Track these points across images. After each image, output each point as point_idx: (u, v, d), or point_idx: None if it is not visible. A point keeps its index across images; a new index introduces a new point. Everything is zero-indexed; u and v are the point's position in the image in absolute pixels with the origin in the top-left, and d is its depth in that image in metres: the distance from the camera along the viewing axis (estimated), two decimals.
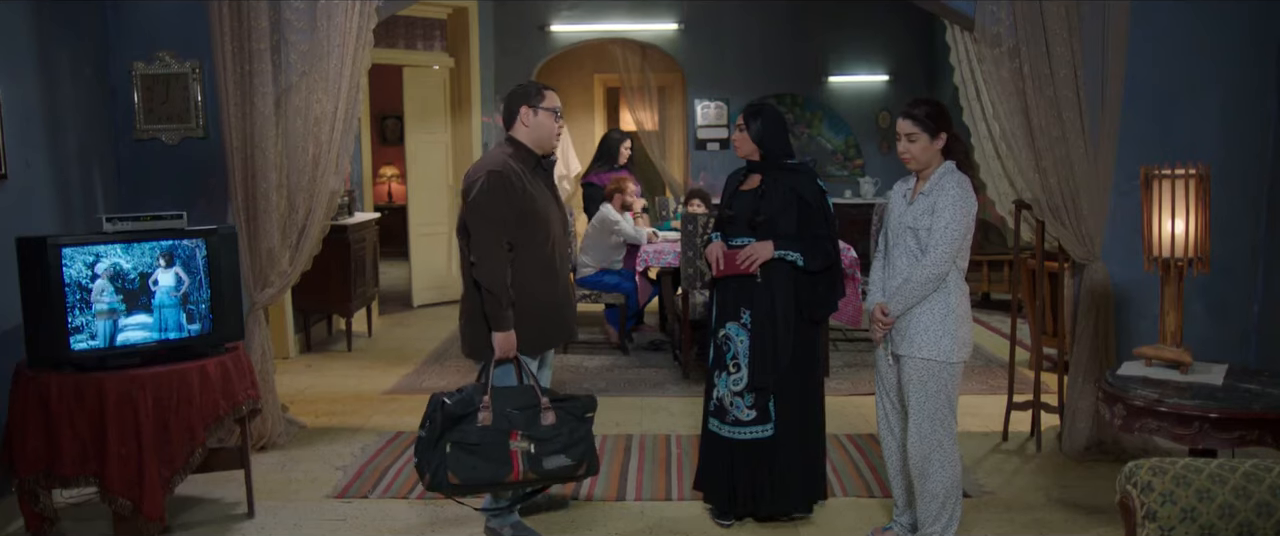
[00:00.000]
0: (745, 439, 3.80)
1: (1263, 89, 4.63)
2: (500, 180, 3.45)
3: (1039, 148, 4.49)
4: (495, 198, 3.44)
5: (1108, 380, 3.24)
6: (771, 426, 3.77)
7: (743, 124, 3.82)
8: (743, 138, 3.82)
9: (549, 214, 3.64)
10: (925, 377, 3.38)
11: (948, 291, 3.38)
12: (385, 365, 6.62)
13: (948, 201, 3.33)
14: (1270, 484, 2.49)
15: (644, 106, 9.55)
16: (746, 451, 3.81)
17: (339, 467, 4.59)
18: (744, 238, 3.80)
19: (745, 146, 3.83)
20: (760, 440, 3.78)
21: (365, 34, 4.70)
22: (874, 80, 9.26)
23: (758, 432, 3.79)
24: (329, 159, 4.72)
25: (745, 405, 3.78)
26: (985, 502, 4.13)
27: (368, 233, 7.46)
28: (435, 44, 8.69)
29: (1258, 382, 3.14)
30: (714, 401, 3.86)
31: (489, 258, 3.45)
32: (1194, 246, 3.13)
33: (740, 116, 3.86)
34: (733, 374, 3.78)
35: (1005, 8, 4.45)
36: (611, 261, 6.87)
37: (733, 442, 3.82)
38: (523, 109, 3.62)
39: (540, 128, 3.62)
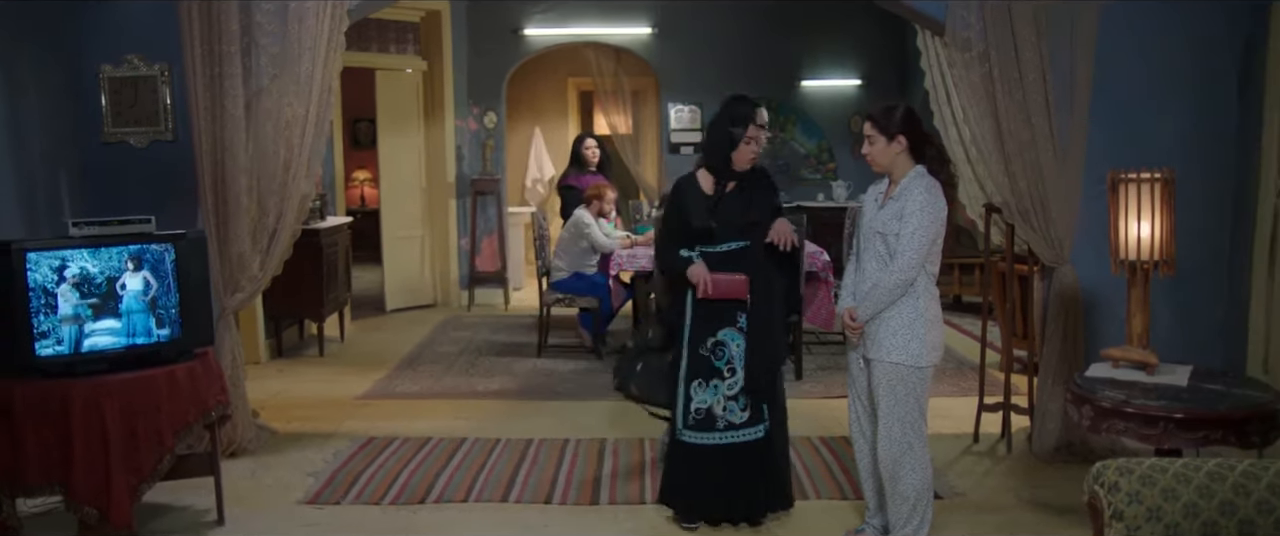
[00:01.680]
0: (741, 442, 3.84)
1: (1226, 94, 4.70)
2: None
3: (1008, 151, 4.53)
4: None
5: (1076, 382, 3.28)
6: (764, 426, 3.85)
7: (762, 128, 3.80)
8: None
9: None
10: (894, 381, 3.40)
11: (917, 296, 3.39)
12: (358, 370, 6.58)
13: (915, 206, 3.35)
14: (1233, 483, 2.53)
15: (617, 110, 9.55)
16: (743, 454, 3.86)
17: (311, 473, 4.55)
18: (735, 242, 3.82)
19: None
20: (755, 441, 3.85)
21: (336, 37, 4.68)
22: (847, 84, 9.31)
23: (752, 434, 3.85)
24: (300, 162, 4.70)
25: (739, 408, 3.82)
26: (957, 504, 4.16)
27: (340, 237, 7.42)
28: (408, 47, 8.66)
29: (1222, 383, 3.19)
30: (695, 413, 3.85)
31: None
32: (1160, 249, 3.18)
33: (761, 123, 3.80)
34: (727, 379, 3.82)
35: (975, 13, 4.49)
36: (585, 265, 6.87)
37: (726, 448, 3.84)
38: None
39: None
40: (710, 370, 3.83)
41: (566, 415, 5.54)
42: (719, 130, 3.82)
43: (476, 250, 9.06)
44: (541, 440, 5.02)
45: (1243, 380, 3.27)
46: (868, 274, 3.46)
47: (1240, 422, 2.91)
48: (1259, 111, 4.54)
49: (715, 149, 3.83)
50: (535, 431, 5.18)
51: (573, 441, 5.01)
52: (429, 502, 4.24)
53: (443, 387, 6.19)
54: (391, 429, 5.22)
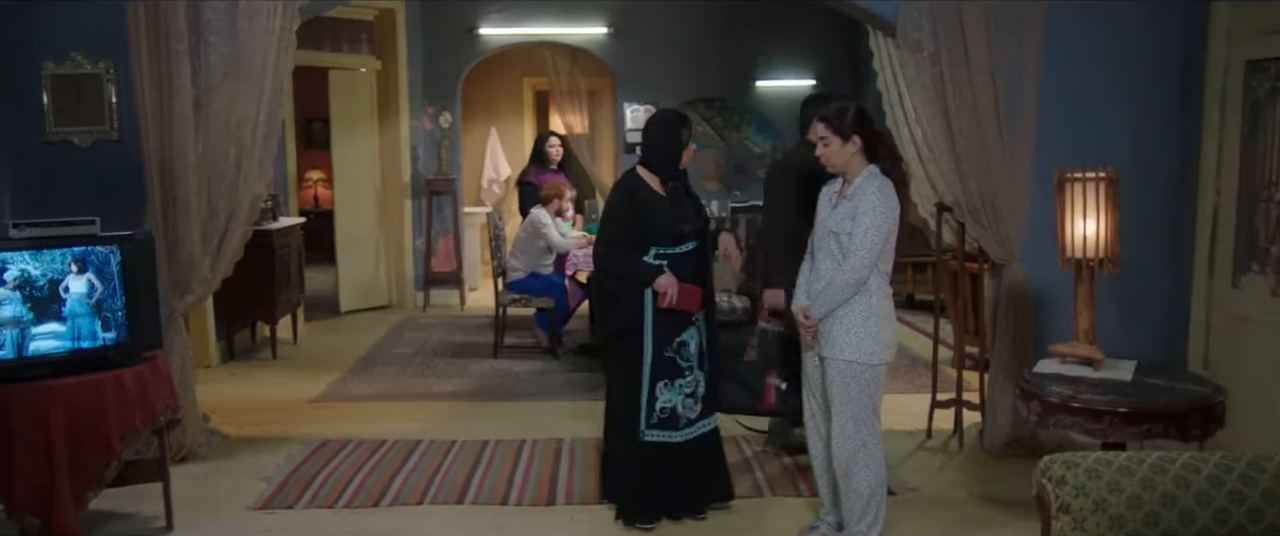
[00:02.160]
0: (697, 436, 3.95)
1: (1168, 94, 4.79)
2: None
3: (959, 151, 4.59)
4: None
5: (1024, 377, 3.34)
6: (714, 418, 4.00)
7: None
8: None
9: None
10: (847, 379, 3.43)
11: (869, 294, 3.42)
12: (312, 372, 6.51)
13: (868, 206, 3.38)
14: (1174, 475, 2.58)
15: (573, 110, 9.54)
16: (698, 447, 3.97)
17: (263, 478, 4.49)
18: (691, 242, 3.88)
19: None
20: (709, 433, 3.98)
21: (288, 35, 4.62)
22: (801, 84, 9.36)
23: (707, 426, 3.97)
24: (251, 162, 4.63)
25: (695, 403, 3.92)
26: (910, 500, 4.21)
27: (293, 238, 7.32)
28: (362, 46, 8.57)
29: (1164, 378, 3.26)
30: (660, 413, 3.87)
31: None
32: (1104, 247, 3.24)
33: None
34: (688, 377, 3.89)
35: (926, 14, 4.54)
36: (541, 265, 6.85)
37: (686, 444, 3.92)
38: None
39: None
40: (675, 370, 3.87)
41: (523, 416, 5.53)
42: (668, 131, 3.87)
43: (432, 251, 9.00)
44: (497, 441, 5.00)
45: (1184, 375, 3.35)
46: (822, 273, 3.48)
47: (1181, 416, 2.98)
48: (1199, 111, 4.65)
49: (663, 149, 3.87)
50: (491, 432, 5.15)
51: (529, 442, 4.99)
52: (384, 505, 4.20)
53: (398, 389, 6.14)
54: (346, 431, 5.16)
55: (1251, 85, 4.41)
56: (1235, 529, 2.54)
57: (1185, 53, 4.73)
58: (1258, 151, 4.40)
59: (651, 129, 3.95)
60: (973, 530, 3.92)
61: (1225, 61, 4.52)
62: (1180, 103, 4.77)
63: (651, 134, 3.94)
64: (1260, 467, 2.60)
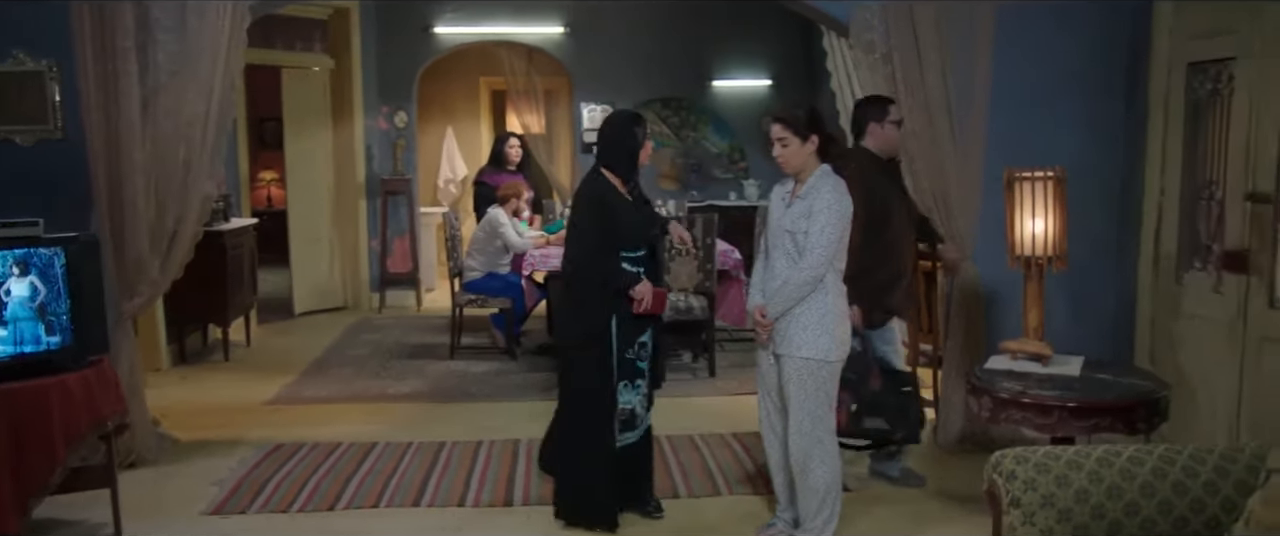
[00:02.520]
0: (645, 431, 4.02)
1: (1114, 94, 4.89)
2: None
3: (911, 151, 4.64)
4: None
5: (975, 374, 3.38)
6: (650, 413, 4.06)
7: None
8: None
9: (891, 205, 4.04)
10: (804, 376, 3.46)
11: (825, 292, 3.46)
12: (265, 375, 6.42)
13: (824, 205, 3.41)
14: (1120, 468, 2.64)
15: (530, 109, 9.50)
16: (645, 443, 4.03)
17: (215, 482, 4.42)
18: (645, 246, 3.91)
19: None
20: (649, 427, 4.05)
21: (238, 34, 4.56)
22: (757, 84, 9.42)
23: (648, 422, 4.03)
24: (201, 162, 4.56)
25: (646, 402, 3.98)
26: (865, 496, 4.25)
27: (245, 239, 7.22)
28: (315, 45, 8.47)
29: (1111, 373, 3.33)
30: (621, 415, 3.90)
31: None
32: (1053, 245, 3.30)
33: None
34: (643, 377, 3.93)
35: (878, 15, 4.59)
36: (499, 265, 6.82)
37: (640, 443, 3.99)
38: (871, 124, 4.09)
39: (886, 138, 4.09)
40: (634, 371, 3.89)
41: (480, 417, 5.50)
42: (623, 131, 3.87)
43: (388, 251, 8.92)
44: (454, 442, 4.97)
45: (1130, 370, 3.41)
46: (777, 272, 3.50)
47: (1127, 410, 3.05)
48: (1144, 111, 4.75)
49: (620, 149, 3.86)
50: (448, 434, 5.12)
51: (486, 443, 4.97)
52: (340, 508, 4.16)
53: (353, 391, 6.08)
54: (300, 434, 5.10)
55: (1193, 86, 4.52)
56: (1178, 519, 2.60)
57: (1131, 53, 4.83)
58: (1199, 152, 4.50)
59: (607, 130, 3.94)
60: (927, 525, 3.97)
61: (1168, 62, 4.62)
62: (1126, 103, 4.87)
63: (607, 135, 3.93)
64: (1202, 459, 2.66)
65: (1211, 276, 4.33)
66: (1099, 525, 2.60)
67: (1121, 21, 4.82)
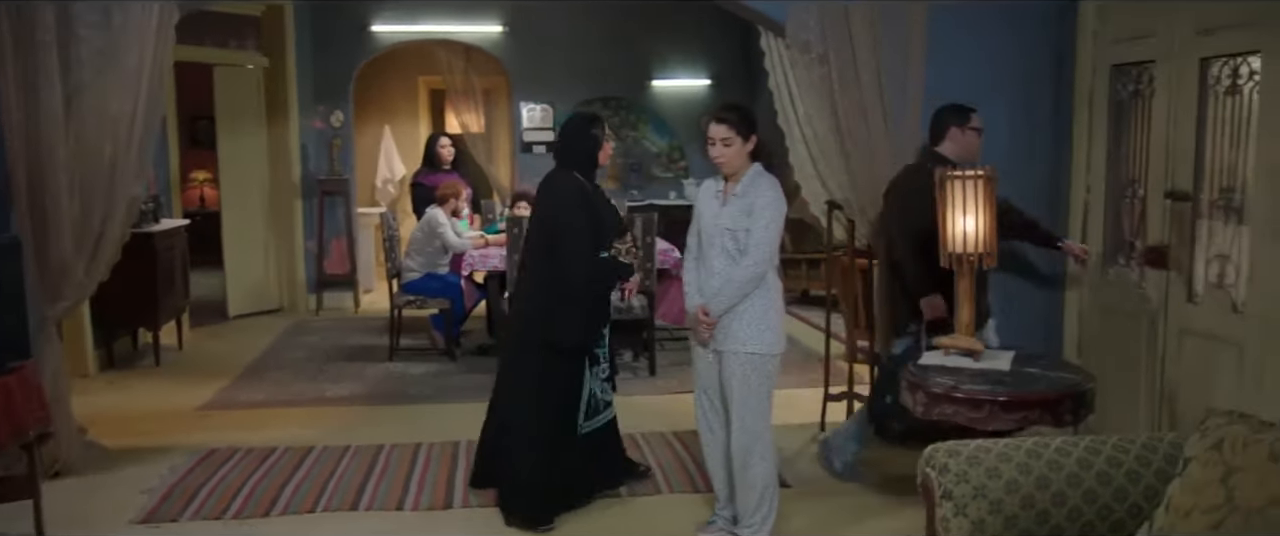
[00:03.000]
0: (609, 417, 4.20)
1: (1043, 94, 5.00)
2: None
3: (847, 150, 4.71)
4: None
5: (910, 370, 3.44)
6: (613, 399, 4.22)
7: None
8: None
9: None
10: (749, 371, 3.49)
11: (766, 287, 3.51)
12: (198, 379, 6.29)
13: (765, 203, 3.45)
14: (1048, 459, 2.70)
15: (469, 109, 9.43)
16: (608, 429, 4.22)
17: (145, 490, 4.32)
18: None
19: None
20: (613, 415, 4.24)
21: (166, 31, 4.45)
22: (696, 84, 9.47)
23: (613, 410, 4.23)
24: (128, 162, 4.45)
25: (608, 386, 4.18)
26: (805, 492, 4.30)
27: (176, 240, 7.06)
28: (249, 42, 8.31)
29: (1039, 367, 3.41)
30: (587, 404, 4.03)
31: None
32: (983, 242, 3.37)
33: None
34: (602, 363, 4.10)
35: (814, 15, 4.64)
36: (438, 265, 6.76)
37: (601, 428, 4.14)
38: (952, 129, 4.15)
39: (966, 144, 4.15)
40: (596, 358, 4.03)
41: (419, 419, 5.45)
42: (581, 132, 3.95)
43: (325, 252, 8.78)
44: (393, 445, 4.92)
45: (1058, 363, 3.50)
46: (716, 270, 3.52)
47: (1055, 403, 3.13)
48: (1071, 111, 4.87)
49: (580, 151, 3.94)
50: (387, 437, 5.07)
51: (425, 445, 4.93)
52: (274, 514, 4.09)
53: (289, 395, 5.98)
54: (234, 439, 5.01)
55: (1116, 88, 4.65)
56: (1103, 508, 2.67)
57: (1058, 55, 4.94)
58: (1122, 151, 4.63)
59: (566, 133, 4.01)
60: (865, 519, 4.03)
61: (1093, 64, 4.75)
62: (1054, 103, 4.99)
63: (567, 138, 3.99)
64: (1125, 449, 2.74)
65: (1135, 272, 4.46)
66: (1028, 514, 2.66)
67: (1048, 23, 4.93)
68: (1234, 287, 3.93)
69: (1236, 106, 3.91)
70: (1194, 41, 4.06)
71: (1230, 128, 3.94)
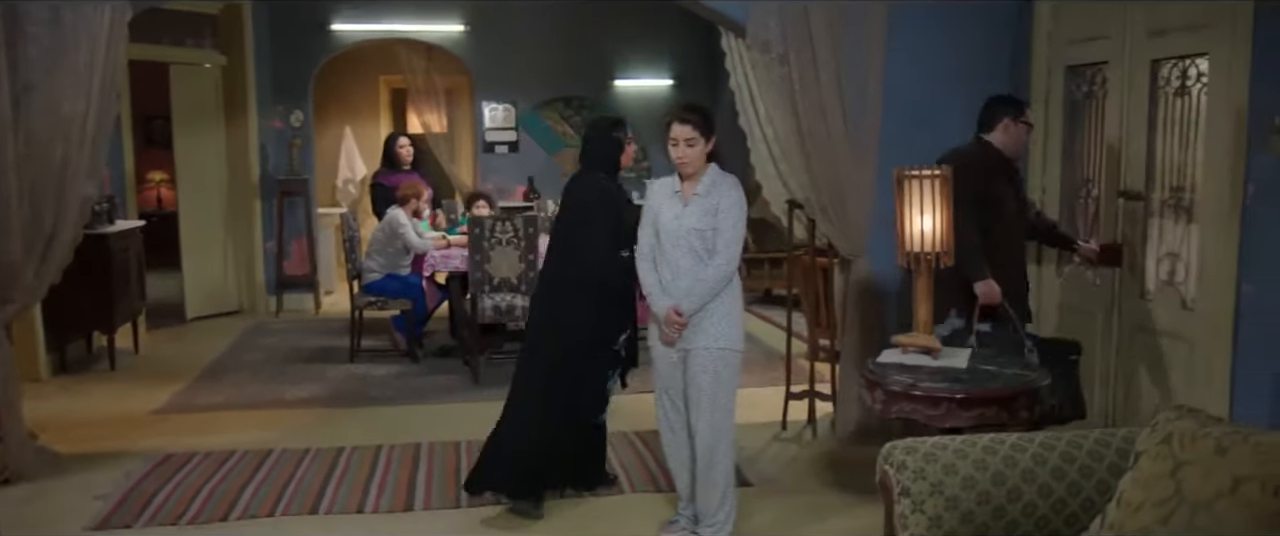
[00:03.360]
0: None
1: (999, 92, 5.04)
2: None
3: (808, 150, 4.73)
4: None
5: (869, 368, 3.47)
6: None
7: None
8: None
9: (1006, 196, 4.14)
10: (719, 367, 3.52)
11: (733, 284, 3.55)
12: (154, 383, 6.19)
13: (731, 203, 3.48)
14: (1003, 455, 2.74)
15: (431, 109, 9.37)
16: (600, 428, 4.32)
17: (99, 496, 4.24)
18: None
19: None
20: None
21: (119, 28, 4.38)
22: (659, 84, 9.48)
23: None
24: (80, 162, 4.37)
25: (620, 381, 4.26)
26: (765, 490, 4.32)
27: (132, 242, 6.95)
28: (206, 41, 8.20)
29: (995, 365, 3.45)
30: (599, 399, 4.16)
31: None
32: (939, 241, 3.41)
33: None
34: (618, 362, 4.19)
35: (774, 15, 4.65)
36: (399, 266, 6.71)
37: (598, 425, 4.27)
38: (1005, 119, 4.08)
39: (1015, 137, 4.11)
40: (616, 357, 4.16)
41: (380, 421, 5.41)
42: (604, 134, 4.05)
43: (285, 253, 8.69)
44: (354, 448, 4.88)
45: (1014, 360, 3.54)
46: (683, 270, 3.52)
47: (1010, 400, 3.17)
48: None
49: (603, 153, 4.01)
50: (347, 439, 5.03)
51: (387, 447, 4.89)
52: (232, 519, 4.04)
53: (248, 398, 5.91)
54: (191, 444, 4.94)
55: (1070, 89, 4.72)
56: (1057, 502, 2.71)
57: (1014, 55, 5.00)
58: (1077, 151, 4.71)
59: (591, 135, 4.09)
60: (825, 517, 4.05)
61: (1048, 65, 4.82)
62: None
63: (592, 140, 4.05)
64: (1078, 445, 2.78)
65: (1089, 270, 4.53)
66: (984, 510, 2.69)
67: (1006, 24, 4.99)
68: (1184, 285, 4.01)
69: (1185, 107, 3.99)
70: (1145, 43, 4.14)
71: (1180, 128, 4.02)
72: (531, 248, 6.02)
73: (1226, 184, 3.67)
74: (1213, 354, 3.78)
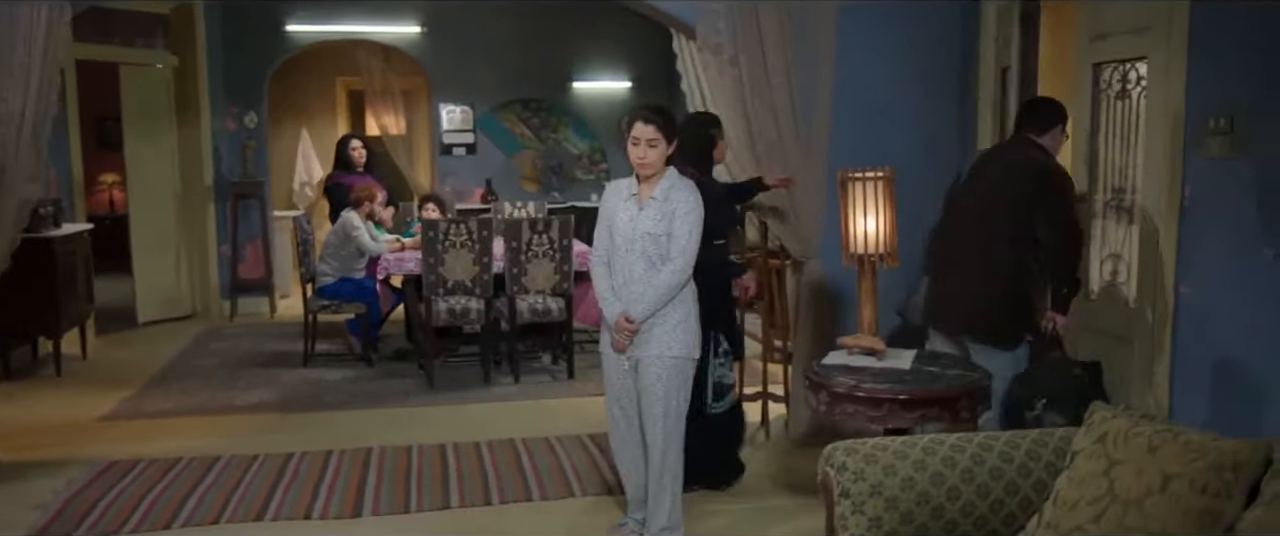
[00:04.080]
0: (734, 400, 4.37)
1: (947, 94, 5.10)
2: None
3: (759, 151, 4.74)
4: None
5: (813, 369, 3.48)
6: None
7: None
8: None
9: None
10: (674, 375, 3.47)
11: (686, 292, 3.50)
12: (102, 389, 6.08)
13: (687, 208, 3.43)
14: (943, 456, 2.76)
15: (388, 110, 9.30)
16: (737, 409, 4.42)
17: (37, 506, 4.16)
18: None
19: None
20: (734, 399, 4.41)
21: (58, 28, 4.31)
22: (617, 86, 9.47)
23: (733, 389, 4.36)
24: (18, 165, 4.29)
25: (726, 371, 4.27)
26: (720, 493, 4.31)
27: (78, 245, 6.82)
28: (157, 41, 8.07)
29: (939, 365, 3.47)
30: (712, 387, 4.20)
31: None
32: (883, 243, 3.42)
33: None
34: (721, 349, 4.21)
35: (724, 16, 4.66)
36: (352, 269, 6.64)
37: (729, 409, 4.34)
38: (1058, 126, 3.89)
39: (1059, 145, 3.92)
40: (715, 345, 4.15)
41: (332, 426, 5.35)
42: (700, 131, 4.14)
43: (239, 257, 8.57)
44: (303, 453, 4.82)
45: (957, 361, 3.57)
46: (638, 276, 3.45)
47: (953, 400, 3.19)
48: (974, 112, 4.98)
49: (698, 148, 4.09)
50: (297, 444, 4.96)
51: (337, 453, 4.84)
52: (176, 527, 3.98)
53: (198, 403, 5.82)
54: (137, 451, 4.86)
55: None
56: (995, 502, 2.73)
57: (963, 56, 5.05)
58: None
59: (687, 130, 4.02)
60: (775, 519, 4.06)
61: (995, 65, 4.87)
62: (958, 104, 5.09)
63: (687, 136, 3.96)
64: (1016, 444, 2.81)
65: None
66: (923, 510, 2.70)
67: (954, 25, 5.03)
68: (1126, 286, 4.06)
69: (1126, 110, 4.04)
70: (1088, 47, 4.19)
71: (1121, 130, 4.08)
72: (486, 250, 5.99)
73: (1165, 186, 3.72)
74: (1153, 353, 3.83)
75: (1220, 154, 3.49)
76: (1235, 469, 2.33)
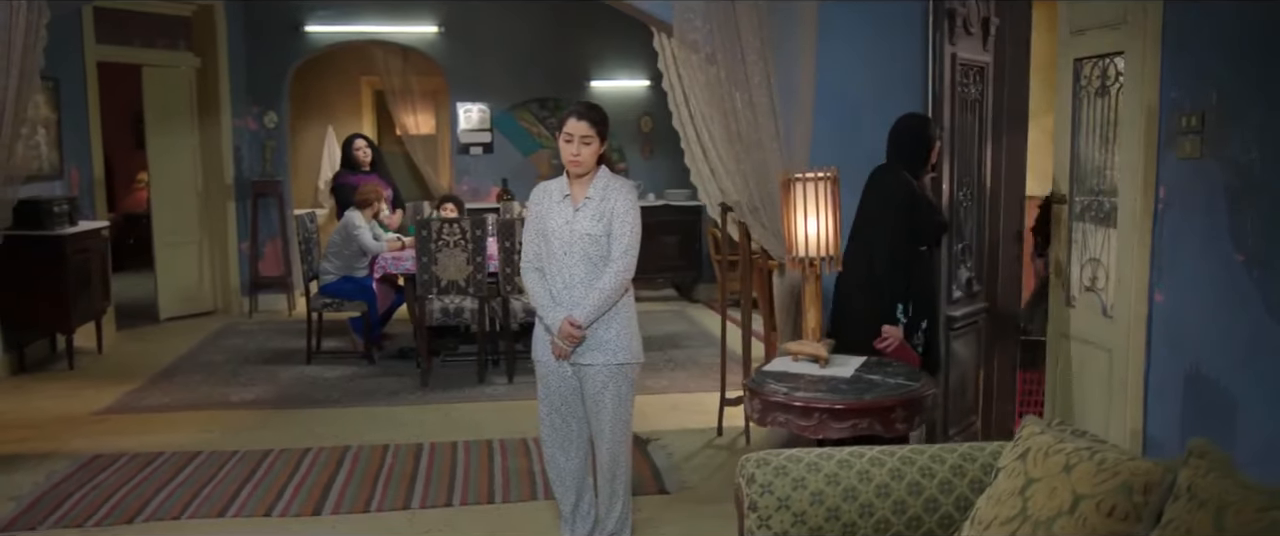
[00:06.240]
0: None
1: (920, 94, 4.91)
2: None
3: (738, 151, 4.63)
4: None
5: (752, 376, 3.37)
6: None
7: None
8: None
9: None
10: (620, 381, 3.40)
11: (629, 294, 3.42)
12: (108, 383, 6.21)
13: (626, 207, 3.36)
14: (859, 469, 2.64)
15: (409, 110, 9.35)
16: None
17: (13, 498, 4.25)
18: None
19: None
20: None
21: (36, 30, 4.38)
22: (636, 85, 9.38)
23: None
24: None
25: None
26: (680, 498, 4.24)
27: (93, 242, 6.96)
28: (179, 43, 8.23)
29: (882, 374, 3.34)
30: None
31: None
32: (827, 245, 3.31)
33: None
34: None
35: (700, 15, 4.57)
36: (355, 268, 6.68)
37: None
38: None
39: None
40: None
41: (319, 423, 5.39)
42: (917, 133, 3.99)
43: (259, 254, 8.71)
44: (281, 450, 4.85)
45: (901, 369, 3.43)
46: (577, 279, 3.37)
47: (887, 410, 3.06)
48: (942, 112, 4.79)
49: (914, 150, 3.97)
50: (279, 441, 5.01)
51: (314, 450, 4.86)
52: (139, 521, 4.03)
53: (194, 399, 5.91)
54: (124, 445, 4.94)
55: None
56: (912, 519, 2.62)
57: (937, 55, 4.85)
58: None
59: (904, 130, 3.99)
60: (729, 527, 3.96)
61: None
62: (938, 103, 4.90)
63: (904, 136, 3.97)
64: (941, 460, 2.68)
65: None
66: (834, 526, 2.60)
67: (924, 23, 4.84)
68: (1104, 292, 3.87)
69: (1105, 108, 3.85)
70: (1069, 42, 4.00)
71: (1100, 129, 3.89)
72: (480, 250, 5.96)
73: (1140, 187, 3.53)
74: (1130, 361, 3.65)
75: (1191, 154, 3.29)
76: (1146, 490, 2.19)
